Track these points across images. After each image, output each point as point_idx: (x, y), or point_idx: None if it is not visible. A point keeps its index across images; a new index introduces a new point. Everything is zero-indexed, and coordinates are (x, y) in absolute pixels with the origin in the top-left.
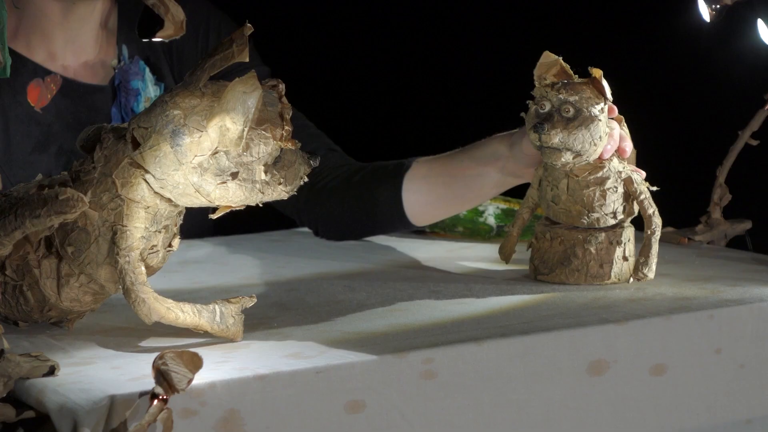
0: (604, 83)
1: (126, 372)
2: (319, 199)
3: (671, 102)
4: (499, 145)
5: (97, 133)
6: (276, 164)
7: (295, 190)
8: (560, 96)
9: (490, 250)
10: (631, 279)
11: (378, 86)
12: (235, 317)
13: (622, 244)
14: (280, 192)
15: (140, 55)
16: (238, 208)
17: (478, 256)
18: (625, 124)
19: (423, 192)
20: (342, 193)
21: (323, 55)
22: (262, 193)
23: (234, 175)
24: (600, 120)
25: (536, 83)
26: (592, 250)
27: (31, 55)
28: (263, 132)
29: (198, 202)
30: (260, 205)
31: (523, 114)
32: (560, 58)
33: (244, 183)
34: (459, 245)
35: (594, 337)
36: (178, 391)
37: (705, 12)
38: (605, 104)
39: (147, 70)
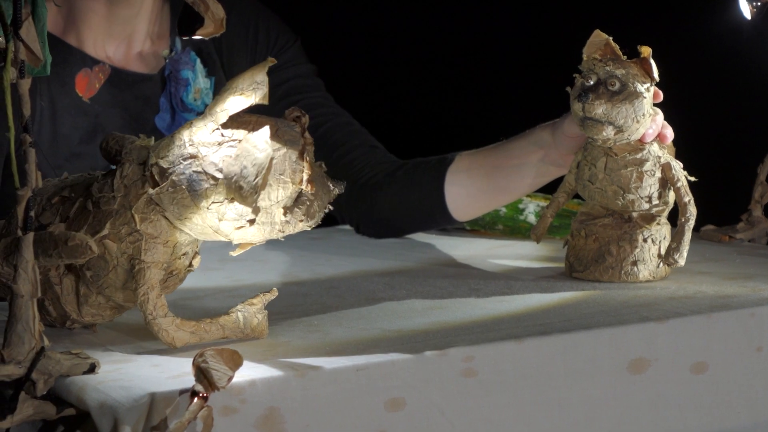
0: (652, 63)
1: (166, 370)
2: (361, 195)
3: (711, 100)
4: (542, 133)
5: (119, 146)
6: (296, 202)
7: (320, 221)
8: (607, 69)
9: (530, 247)
10: (661, 264)
11: (420, 83)
12: (259, 316)
13: (657, 243)
14: (301, 227)
15: (193, 47)
16: (259, 244)
17: (518, 253)
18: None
19: (465, 185)
20: (384, 188)
21: (366, 52)
22: (282, 231)
23: (251, 222)
24: (645, 98)
25: (585, 59)
26: (627, 247)
27: (81, 46)
28: (282, 176)
29: (218, 238)
30: (281, 239)
31: (568, 88)
32: (610, 38)
33: (263, 225)
34: (499, 243)
35: (634, 335)
36: (219, 388)
37: (746, 9)
38: (652, 84)
39: (198, 61)
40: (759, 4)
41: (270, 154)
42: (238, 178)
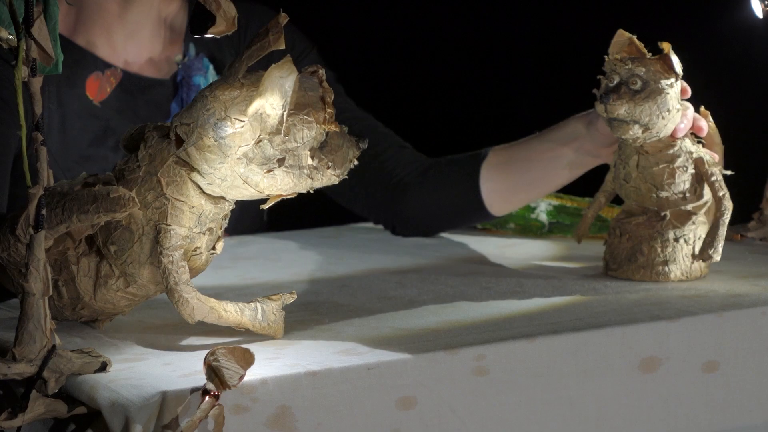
0: (674, 58)
1: (177, 368)
2: (394, 195)
3: (722, 99)
4: (577, 124)
5: (141, 132)
6: (323, 149)
7: (346, 173)
8: (628, 68)
9: (542, 246)
10: (695, 263)
11: (437, 83)
12: (277, 314)
13: (691, 242)
14: (329, 176)
15: (206, 54)
16: (289, 197)
17: (530, 252)
18: (711, 120)
19: (500, 180)
20: (418, 187)
21: (383, 55)
22: (311, 178)
23: (280, 162)
24: (668, 94)
25: (607, 59)
26: (658, 247)
27: (93, 49)
28: (305, 116)
29: (248, 193)
30: (311, 192)
31: (595, 90)
32: (634, 37)
33: (291, 169)
34: (511, 241)
35: (646, 333)
36: (230, 387)
37: (758, 8)
38: (676, 80)
39: (211, 67)
40: None
41: (295, 75)
42: (263, 107)
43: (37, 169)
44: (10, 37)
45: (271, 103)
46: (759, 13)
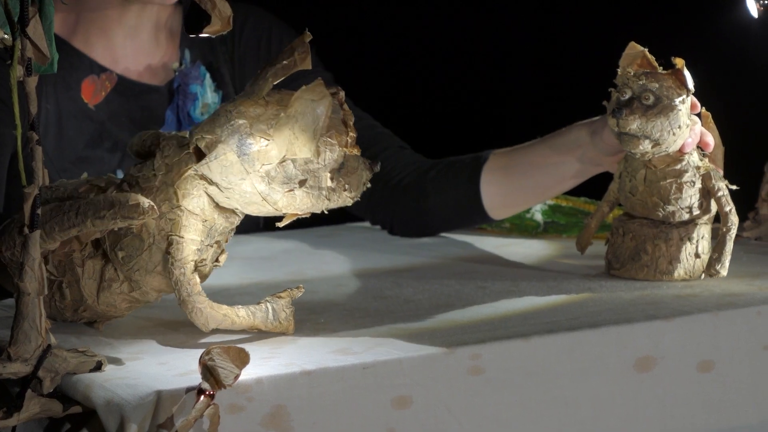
0: (686, 74)
1: (173, 367)
2: (393, 196)
3: (717, 99)
4: (580, 132)
5: (155, 139)
6: (340, 171)
7: (359, 196)
8: (641, 83)
9: (538, 245)
10: (703, 275)
11: (445, 81)
12: (287, 311)
13: (694, 242)
14: (345, 198)
15: (203, 61)
16: (304, 216)
17: (525, 252)
18: (711, 121)
19: (502, 184)
20: (418, 189)
21: (387, 53)
22: (329, 200)
23: (302, 183)
24: (680, 110)
25: (619, 72)
26: (662, 246)
27: (90, 52)
28: (329, 139)
29: (265, 210)
30: (325, 212)
31: (605, 102)
32: (646, 50)
33: (311, 190)
34: (506, 241)
35: (641, 333)
36: (225, 386)
37: (753, 8)
38: (687, 95)
39: (207, 75)
40: (766, 2)
41: (329, 99)
42: (293, 129)
43: (32, 168)
44: (6, 36)
45: (301, 126)
46: (754, 12)
